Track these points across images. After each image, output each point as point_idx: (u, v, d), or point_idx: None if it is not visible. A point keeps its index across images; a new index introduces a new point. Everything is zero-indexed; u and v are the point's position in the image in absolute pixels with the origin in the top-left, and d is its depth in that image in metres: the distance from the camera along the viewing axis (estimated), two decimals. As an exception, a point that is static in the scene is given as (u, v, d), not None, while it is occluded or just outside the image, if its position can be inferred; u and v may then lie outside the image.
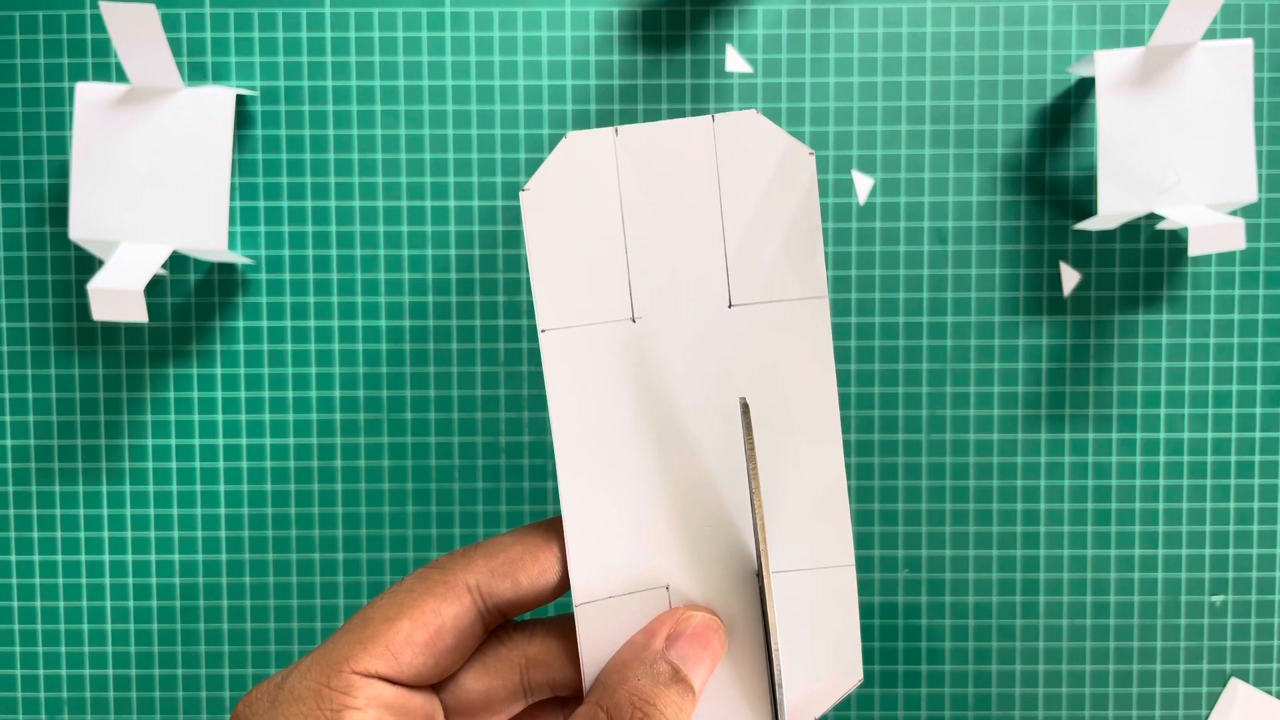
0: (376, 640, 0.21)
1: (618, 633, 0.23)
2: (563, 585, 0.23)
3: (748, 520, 0.23)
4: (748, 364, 0.23)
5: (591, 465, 0.23)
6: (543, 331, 0.23)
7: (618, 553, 0.23)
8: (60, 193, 0.40)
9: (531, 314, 0.40)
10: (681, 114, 0.40)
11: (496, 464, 0.40)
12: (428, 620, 0.22)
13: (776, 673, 0.23)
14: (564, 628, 0.24)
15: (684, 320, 0.23)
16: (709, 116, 0.23)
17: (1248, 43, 0.36)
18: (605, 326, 0.23)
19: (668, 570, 0.23)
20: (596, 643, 0.23)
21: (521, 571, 0.23)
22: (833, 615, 0.23)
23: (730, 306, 0.23)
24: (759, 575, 0.23)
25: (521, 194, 0.23)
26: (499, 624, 0.23)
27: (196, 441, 0.40)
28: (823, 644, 0.23)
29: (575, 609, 0.23)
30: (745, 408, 0.22)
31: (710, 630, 0.23)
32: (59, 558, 0.41)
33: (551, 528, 0.23)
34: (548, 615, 0.29)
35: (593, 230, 0.23)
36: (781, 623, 0.23)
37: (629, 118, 0.39)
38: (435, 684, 0.23)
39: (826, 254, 0.40)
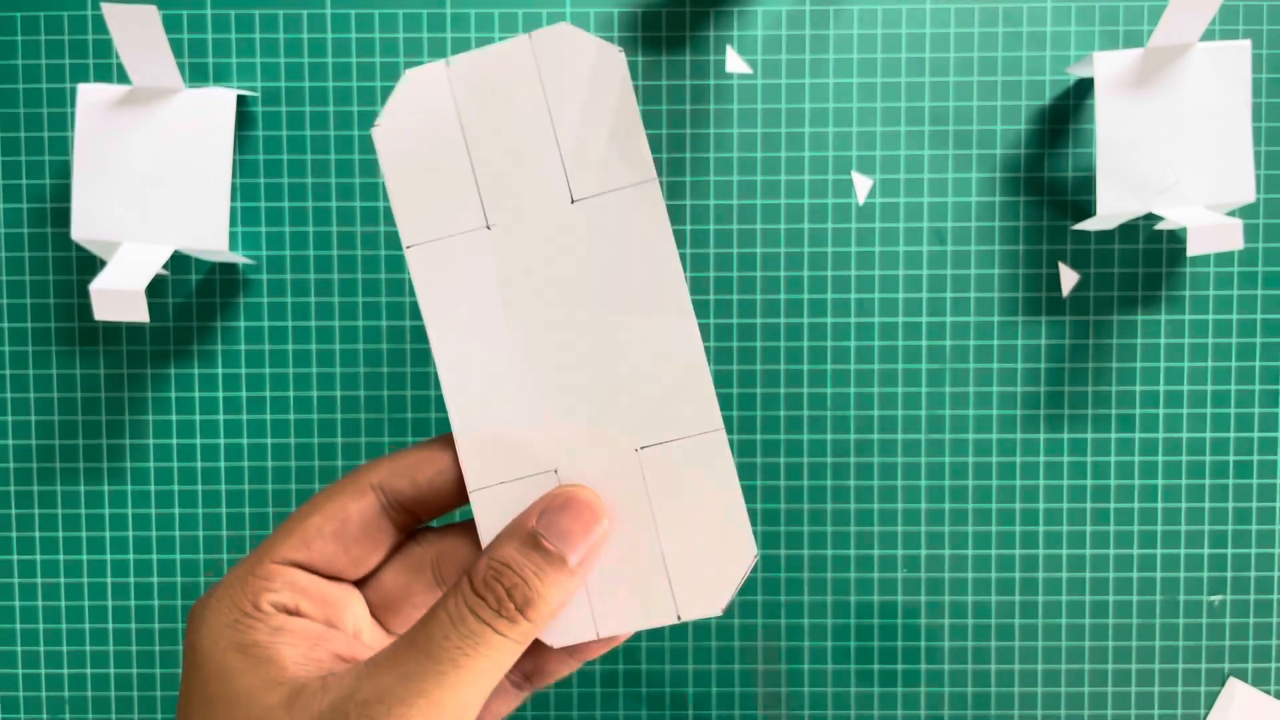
0: (292, 533, 0.24)
1: (513, 515, 0.25)
2: (460, 490, 0.25)
3: (620, 401, 0.25)
4: (596, 252, 0.25)
5: (469, 363, 0.25)
6: (408, 248, 0.25)
7: (504, 443, 0.25)
8: (62, 193, 0.40)
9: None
10: (683, 116, 0.40)
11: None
12: (334, 513, 0.24)
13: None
14: (473, 528, 0.26)
15: (533, 221, 0.25)
16: (527, 35, 0.25)
17: (1246, 44, 0.36)
18: (463, 236, 0.25)
19: (554, 455, 0.25)
20: (495, 528, 0.25)
21: (419, 471, 0.25)
22: (712, 486, 0.25)
23: (573, 202, 0.25)
24: None
25: (373, 130, 0.25)
26: (412, 526, 0.26)
27: (198, 441, 0.40)
28: (709, 521, 0.25)
29: (470, 495, 0.25)
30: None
31: (580, 503, 0.24)
32: (61, 557, 0.41)
33: (450, 439, 0.25)
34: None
35: (440, 153, 0.25)
36: (666, 501, 0.25)
37: (629, 118, 0.40)
38: (358, 581, 0.25)
39: (825, 253, 0.40)
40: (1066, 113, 0.40)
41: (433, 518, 0.26)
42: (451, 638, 0.22)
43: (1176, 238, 0.40)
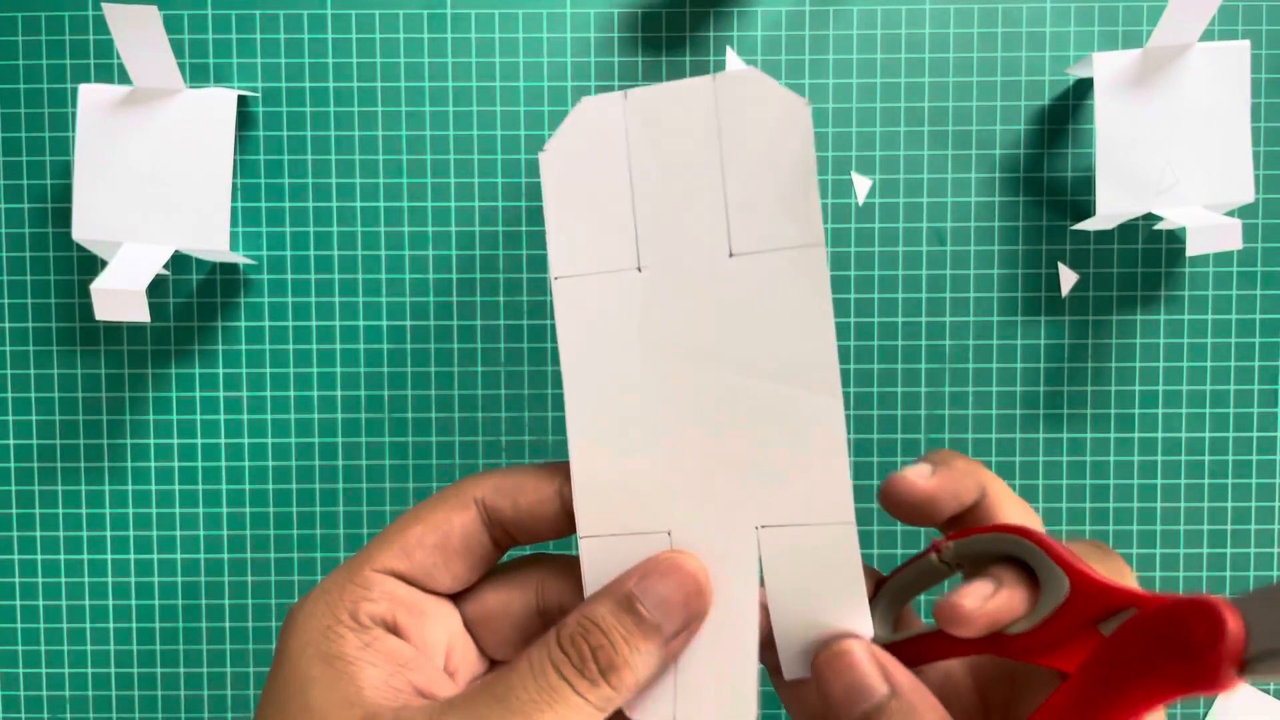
0: (393, 543, 0.24)
1: (619, 570, 0.24)
2: (560, 521, 0.24)
3: (748, 471, 0.23)
4: (748, 312, 0.23)
5: (597, 407, 0.24)
6: (555, 279, 0.24)
7: (621, 493, 0.24)
8: (63, 193, 0.40)
9: (532, 314, 0.40)
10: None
11: (497, 463, 0.40)
12: (438, 525, 0.24)
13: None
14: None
15: (686, 269, 0.24)
16: (710, 76, 0.23)
17: (1245, 44, 0.36)
18: (612, 275, 0.24)
19: (670, 516, 0.24)
20: (599, 579, 0.24)
21: (521, 494, 0.24)
22: (832, 577, 0.23)
23: (731, 256, 0.23)
24: None
25: (540, 155, 0.24)
26: (510, 546, 0.25)
27: (198, 441, 0.40)
28: (824, 602, 0.23)
29: (579, 541, 0.24)
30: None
31: (685, 574, 0.23)
32: (62, 556, 0.41)
33: (562, 467, 0.25)
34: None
35: (603, 186, 0.24)
36: (779, 583, 0.23)
37: (629, 119, 0.40)
38: (456, 595, 0.25)
39: (825, 252, 0.40)
40: (1066, 113, 0.40)
41: (530, 543, 0.25)
42: (529, 689, 0.21)
43: (1176, 238, 0.40)
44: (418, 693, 0.22)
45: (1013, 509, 0.24)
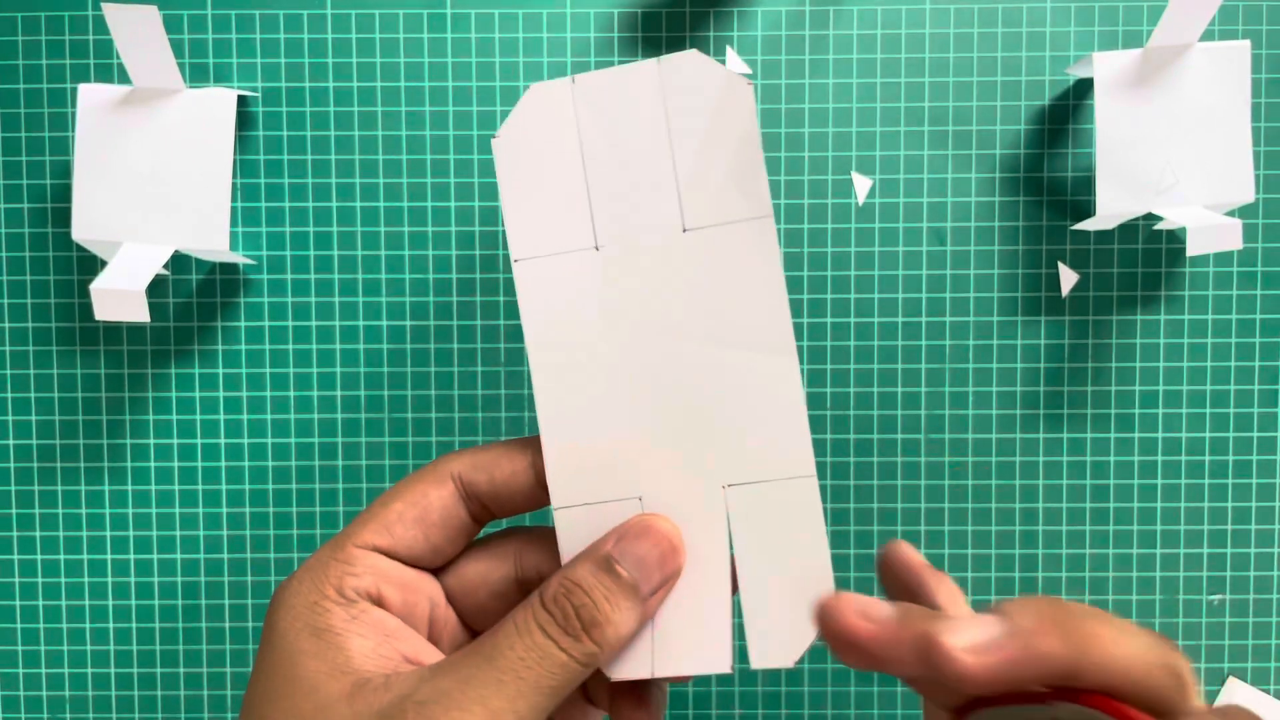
0: (375, 518, 0.25)
1: (593, 538, 0.25)
2: (533, 493, 0.25)
3: (713, 436, 0.24)
4: (703, 284, 0.24)
5: (563, 383, 0.25)
6: (515, 261, 0.25)
7: (591, 464, 0.25)
8: (63, 193, 0.40)
9: (532, 314, 0.40)
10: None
11: (497, 463, 0.40)
12: (416, 500, 0.25)
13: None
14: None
15: (642, 246, 0.25)
16: (655, 59, 0.24)
17: (1245, 44, 0.36)
18: (571, 255, 0.25)
19: (640, 482, 0.25)
20: (575, 547, 0.25)
21: (496, 467, 0.25)
22: (798, 533, 0.24)
23: (685, 231, 0.25)
24: None
25: (493, 141, 0.25)
26: (487, 520, 0.26)
27: (198, 441, 0.40)
28: (790, 568, 0.24)
29: (554, 513, 0.25)
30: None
31: (659, 533, 0.24)
32: (61, 557, 0.41)
33: (534, 442, 0.26)
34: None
35: (557, 170, 0.25)
36: (747, 544, 0.24)
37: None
38: (437, 569, 0.26)
39: (825, 253, 0.40)
40: (1066, 113, 0.40)
41: (506, 515, 0.26)
42: (516, 648, 0.22)
43: (1176, 238, 0.40)
44: (405, 660, 0.23)
45: (1116, 664, 0.19)
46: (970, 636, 0.19)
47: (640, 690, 0.26)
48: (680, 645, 0.24)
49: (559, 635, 0.23)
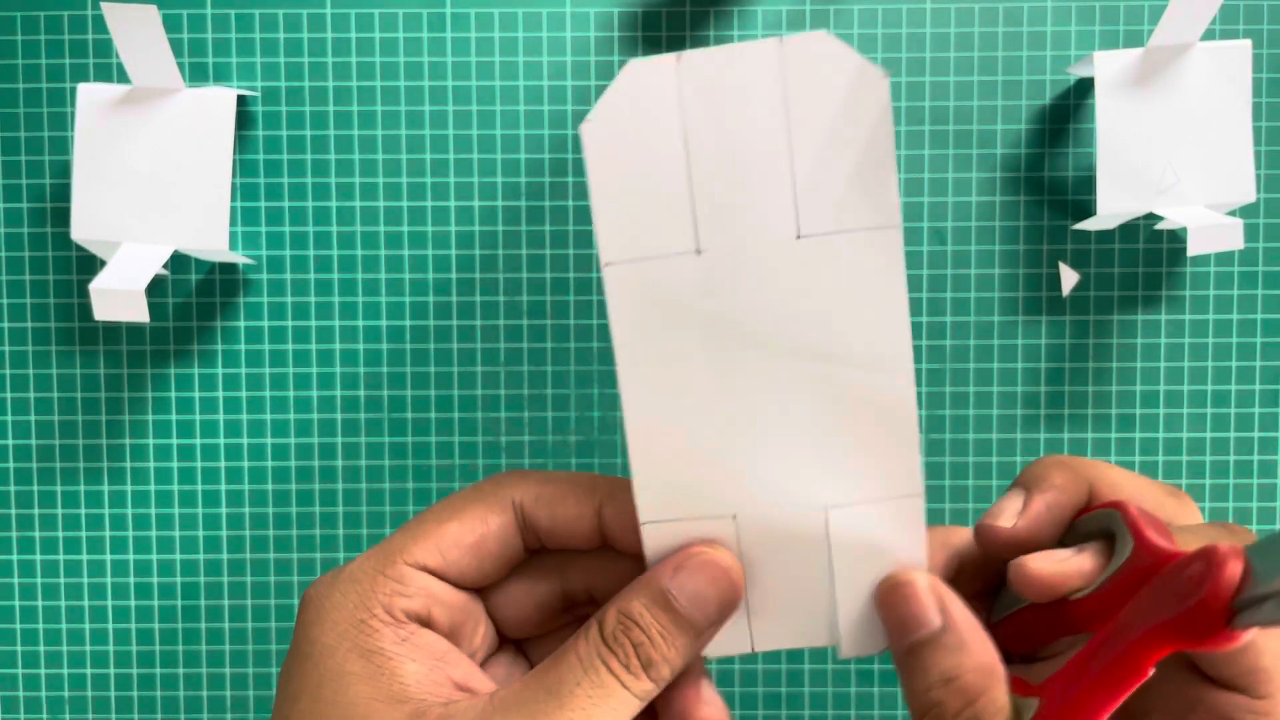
0: (429, 537, 0.23)
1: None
2: (595, 538, 0.24)
3: (816, 456, 0.23)
4: (816, 297, 0.22)
5: (656, 395, 0.23)
6: (606, 265, 0.22)
7: (683, 478, 0.23)
8: (62, 193, 0.40)
9: (532, 314, 0.40)
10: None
11: (497, 464, 0.40)
12: (474, 525, 0.24)
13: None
14: (610, 552, 0.25)
15: (750, 252, 0.22)
16: (777, 38, 0.22)
17: (1246, 43, 0.36)
18: (669, 260, 0.22)
19: (735, 500, 0.23)
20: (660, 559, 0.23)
21: (560, 506, 0.24)
22: (899, 546, 0.23)
23: (799, 238, 0.22)
24: None
25: (583, 126, 0.22)
26: (538, 549, 0.25)
27: (198, 441, 0.40)
28: (888, 565, 0.23)
29: (641, 527, 0.23)
30: None
31: (717, 568, 0.23)
32: (60, 557, 0.41)
33: (604, 483, 0.24)
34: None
35: (655, 161, 0.22)
36: (847, 558, 0.23)
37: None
38: (481, 589, 0.25)
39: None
40: (1067, 112, 0.40)
41: (559, 549, 0.25)
42: (582, 684, 0.22)
43: (1177, 237, 0.40)
44: (456, 686, 0.23)
45: (1126, 486, 0.24)
46: (1008, 511, 0.23)
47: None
48: (780, 621, 0.24)
49: (620, 672, 0.22)
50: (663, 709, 0.24)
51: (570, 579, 0.25)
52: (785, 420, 0.23)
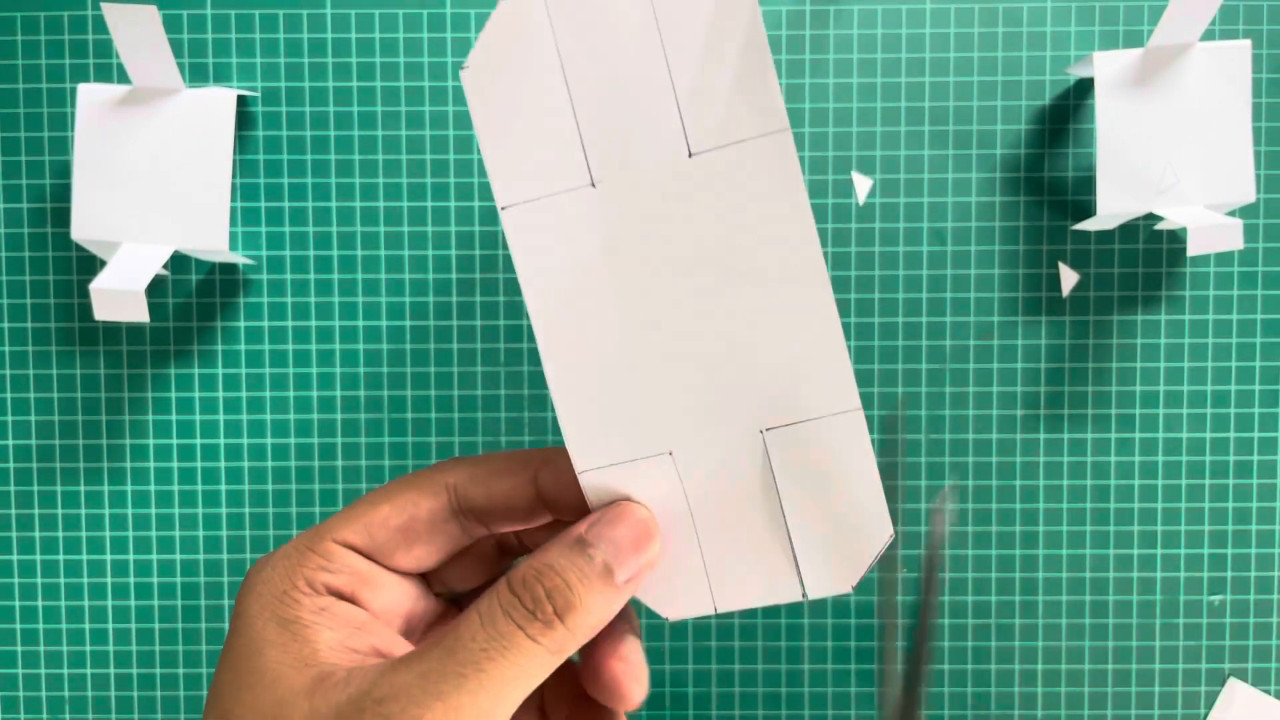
0: (358, 518, 0.24)
1: (622, 496, 0.23)
2: (535, 509, 0.24)
3: (743, 377, 0.23)
4: (717, 213, 0.22)
5: (572, 336, 0.23)
6: (503, 209, 0.22)
7: (613, 420, 0.23)
8: (62, 193, 0.40)
9: (532, 314, 0.40)
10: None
11: (497, 464, 0.40)
12: (405, 508, 0.24)
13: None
14: (552, 528, 0.25)
15: (645, 176, 0.22)
16: None
17: (1246, 44, 0.36)
18: (565, 195, 0.22)
19: (669, 436, 0.23)
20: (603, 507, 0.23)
21: (495, 482, 0.24)
22: (846, 467, 0.23)
23: (690, 155, 0.22)
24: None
25: (461, 72, 0.22)
26: (482, 534, 0.25)
27: (198, 441, 0.40)
28: (841, 501, 0.23)
29: (579, 477, 0.23)
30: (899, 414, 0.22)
31: (635, 519, 0.23)
32: (60, 557, 0.41)
33: (539, 453, 0.24)
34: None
35: (537, 99, 0.22)
36: (793, 483, 0.23)
37: (629, 118, 0.39)
38: (427, 575, 0.25)
39: (825, 253, 0.40)
40: (1066, 113, 0.40)
41: (504, 529, 0.25)
42: (478, 639, 0.21)
43: (1176, 238, 0.40)
44: (377, 653, 0.22)
45: None
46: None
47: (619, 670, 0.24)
48: (740, 580, 0.23)
49: (526, 621, 0.21)
50: (582, 669, 0.24)
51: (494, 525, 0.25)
52: (705, 345, 0.22)
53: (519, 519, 0.24)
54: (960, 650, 0.40)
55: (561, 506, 0.24)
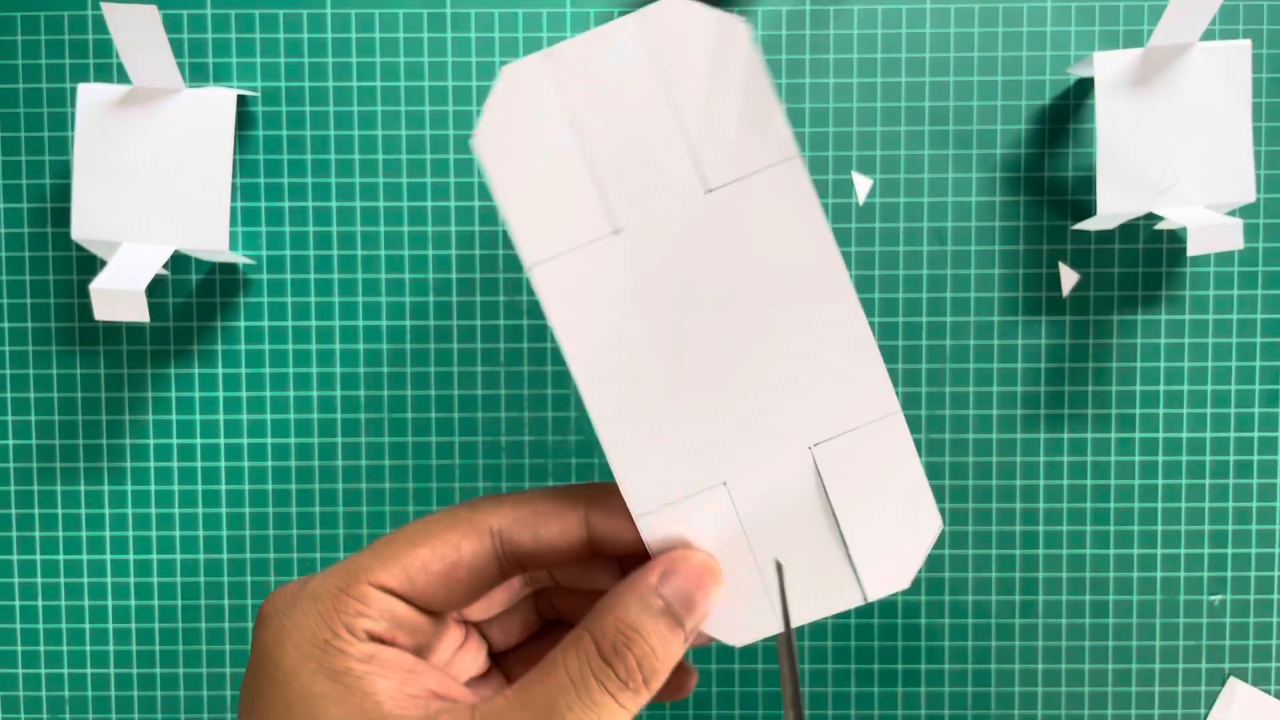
0: (397, 560, 0.22)
1: (680, 534, 0.23)
2: (585, 550, 0.24)
3: (784, 399, 0.23)
4: (739, 243, 0.23)
5: (615, 384, 0.23)
6: (530, 268, 0.23)
7: (664, 461, 0.23)
8: (62, 193, 0.40)
9: (532, 314, 0.40)
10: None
11: (497, 464, 0.40)
12: (446, 553, 0.23)
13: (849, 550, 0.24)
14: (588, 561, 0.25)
15: (665, 218, 0.23)
16: (636, 13, 0.22)
17: (1246, 43, 0.36)
18: (590, 246, 0.23)
19: (720, 467, 0.23)
20: (663, 549, 0.23)
21: (543, 525, 0.23)
22: (893, 469, 0.23)
23: (707, 192, 0.23)
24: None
25: (473, 140, 0.23)
26: (516, 574, 0.24)
27: (198, 441, 0.40)
28: (892, 502, 0.23)
29: (637, 521, 0.23)
30: (779, 569, 0.23)
31: (705, 570, 0.23)
32: (60, 557, 0.41)
33: (584, 491, 0.24)
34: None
35: (552, 156, 0.23)
36: (845, 494, 0.23)
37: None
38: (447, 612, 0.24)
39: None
40: (1067, 112, 0.40)
41: (541, 570, 0.24)
42: (575, 708, 0.21)
43: (1177, 237, 0.40)
44: (435, 696, 0.22)
45: None
46: None
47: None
48: (804, 594, 0.23)
49: (618, 690, 0.21)
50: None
51: (545, 594, 0.25)
52: (745, 373, 0.23)
53: (566, 561, 0.24)
54: (960, 650, 0.40)
55: (616, 546, 0.24)
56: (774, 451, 0.23)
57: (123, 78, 0.40)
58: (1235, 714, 0.40)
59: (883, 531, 0.24)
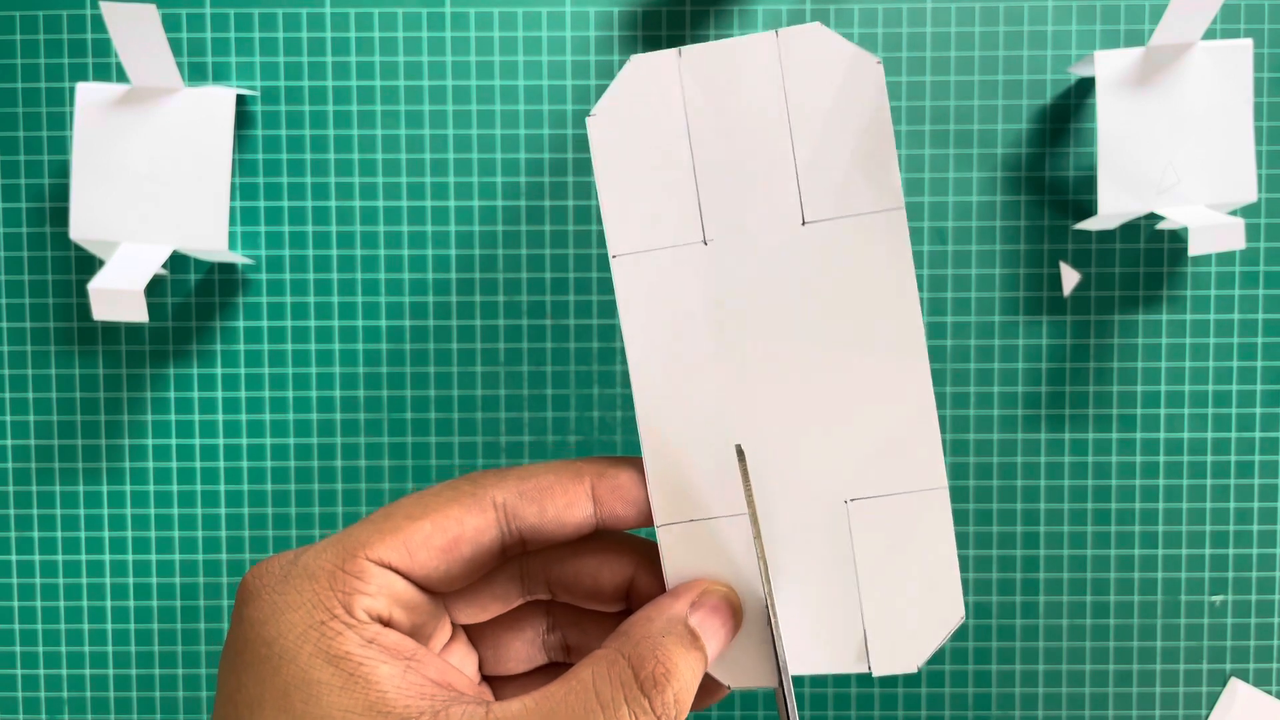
0: (397, 534, 0.21)
1: (701, 555, 0.23)
2: (590, 524, 0.23)
3: (833, 445, 0.23)
4: (825, 283, 0.22)
5: (668, 390, 0.23)
6: (614, 257, 0.23)
7: (698, 475, 0.23)
8: (61, 193, 0.40)
9: (532, 314, 0.40)
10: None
11: (497, 464, 0.40)
12: (449, 526, 0.22)
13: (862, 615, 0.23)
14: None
15: (756, 240, 0.22)
16: (772, 32, 0.22)
17: (1247, 43, 0.36)
18: (676, 250, 0.23)
19: (754, 497, 0.23)
20: (682, 570, 0.23)
21: (549, 499, 0.22)
22: (926, 544, 0.23)
23: (804, 224, 0.22)
24: (767, 609, 0.23)
25: (588, 120, 0.23)
26: (517, 553, 0.23)
27: (197, 441, 0.40)
28: (918, 579, 0.23)
29: (657, 530, 0.23)
30: (740, 454, 0.23)
31: (729, 606, 0.23)
32: (59, 557, 0.41)
33: (588, 465, 0.23)
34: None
35: (660, 153, 0.22)
36: (871, 556, 0.23)
37: (629, 118, 0.39)
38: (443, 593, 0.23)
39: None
40: (1067, 112, 0.40)
41: (544, 547, 0.23)
42: None
43: (1178, 237, 0.40)
44: (435, 685, 0.21)
45: None
46: None
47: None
48: (808, 648, 0.23)
49: None
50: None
51: (531, 571, 0.24)
52: (799, 410, 0.23)
53: (566, 535, 0.23)
54: (960, 650, 0.40)
55: (622, 522, 0.23)
56: (809, 496, 0.23)
57: (121, 77, 0.40)
58: (1236, 715, 0.40)
59: (903, 607, 0.23)
